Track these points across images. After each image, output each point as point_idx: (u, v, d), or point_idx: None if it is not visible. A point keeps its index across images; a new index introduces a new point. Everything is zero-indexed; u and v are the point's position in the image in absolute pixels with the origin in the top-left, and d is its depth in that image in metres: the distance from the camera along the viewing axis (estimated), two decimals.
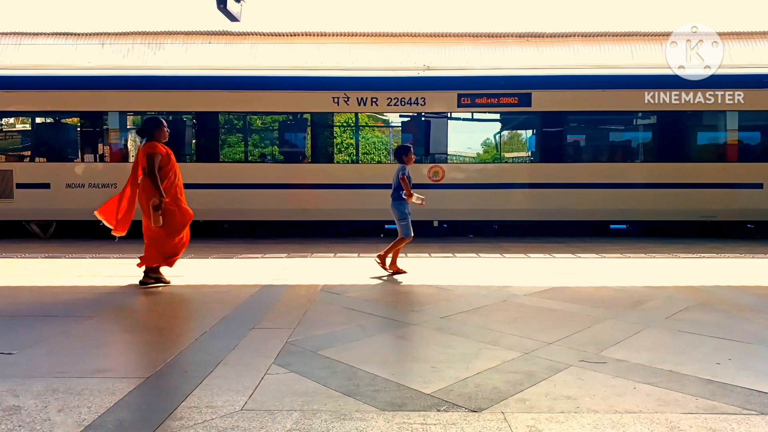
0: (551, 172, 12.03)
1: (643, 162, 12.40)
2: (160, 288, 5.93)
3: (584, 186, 11.91)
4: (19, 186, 11.87)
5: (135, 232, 6.32)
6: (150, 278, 6.05)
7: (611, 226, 13.45)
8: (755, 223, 12.57)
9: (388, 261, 6.85)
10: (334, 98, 11.90)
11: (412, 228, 6.86)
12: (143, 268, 6.09)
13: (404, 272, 6.76)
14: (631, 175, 12.11)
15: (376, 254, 6.91)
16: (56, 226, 12.39)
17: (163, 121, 6.11)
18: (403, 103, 11.95)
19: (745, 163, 12.01)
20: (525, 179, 12.22)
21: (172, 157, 6.08)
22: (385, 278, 6.53)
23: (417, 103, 11.95)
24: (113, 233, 6.19)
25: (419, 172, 11.96)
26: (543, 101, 11.93)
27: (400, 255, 7.03)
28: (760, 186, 11.81)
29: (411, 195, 6.75)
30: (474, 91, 11.94)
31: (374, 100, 11.93)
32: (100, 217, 6.16)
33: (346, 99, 11.88)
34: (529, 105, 11.95)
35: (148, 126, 6.04)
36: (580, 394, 2.92)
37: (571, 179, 11.95)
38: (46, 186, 11.90)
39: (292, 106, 12.30)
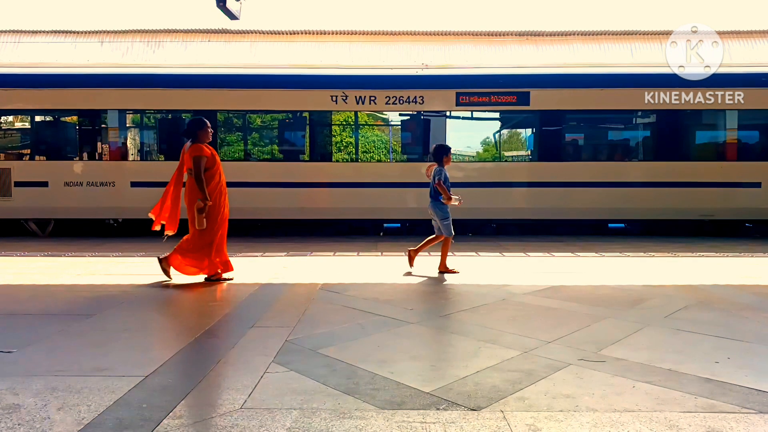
0: (550, 171, 12.02)
1: (642, 161, 12.40)
2: (161, 285, 5.93)
3: (583, 185, 11.90)
4: (17, 184, 11.85)
5: (139, 232, 6.32)
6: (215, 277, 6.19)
7: (609, 225, 13.45)
8: (753, 222, 12.58)
9: (444, 261, 6.89)
10: (332, 97, 11.88)
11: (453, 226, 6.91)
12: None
13: (456, 272, 6.74)
14: (629, 174, 12.10)
15: (438, 268, 6.85)
16: (54, 224, 12.38)
17: (207, 122, 6.15)
18: (401, 101, 11.94)
19: (743, 162, 12.01)
20: (523, 178, 12.21)
21: (217, 158, 6.15)
22: (384, 277, 6.53)
23: (415, 102, 11.94)
24: (166, 233, 6.29)
25: (417, 170, 11.96)
26: (541, 100, 11.92)
27: (393, 253, 7.04)
28: (758, 185, 11.81)
29: (450, 199, 6.78)
30: (472, 90, 11.92)
31: (373, 98, 11.92)
32: (152, 217, 6.30)
33: (344, 97, 11.87)
34: (528, 104, 11.94)
35: (193, 127, 6.09)
36: (579, 393, 2.92)
37: (569, 178, 11.94)
38: (44, 184, 11.88)
39: (290, 104, 12.29)
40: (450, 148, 7.05)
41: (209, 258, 6.08)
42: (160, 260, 6.15)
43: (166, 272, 6.14)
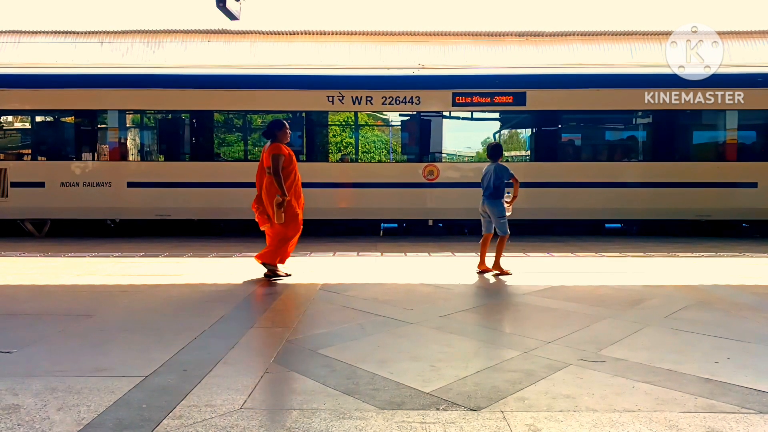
0: (547, 172, 12.01)
1: (640, 161, 12.40)
2: (161, 286, 5.93)
3: (580, 185, 11.90)
4: (14, 185, 11.84)
5: (136, 232, 6.31)
6: (272, 272, 6.40)
7: (606, 225, 13.45)
8: (750, 222, 12.58)
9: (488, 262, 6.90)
10: (329, 97, 11.87)
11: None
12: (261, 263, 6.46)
13: (509, 273, 6.66)
14: (627, 175, 12.10)
15: (492, 267, 6.82)
16: (51, 224, 12.37)
17: (287, 124, 6.47)
18: (398, 102, 11.93)
19: (740, 162, 12.01)
20: (520, 178, 12.14)
21: (294, 158, 6.44)
22: (384, 277, 6.53)
23: (412, 102, 11.93)
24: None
25: (414, 171, 11.96)
26: (538, 100, 11.92)
27: (393, 253, 7.04)
28: (754, 185, 11.81)
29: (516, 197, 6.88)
30: (469, 90, 11.91)
31: (369, 99, 11.91)
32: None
33: (341, 98, 11.87)
34: (524, 104, 11.93)
35: (273, 128, 6.41)
36: (579, 393, 2.92)
37: (566, 178, 11.93)
38: (41, 185, 11.88)
39: (287, 104, 12.29)
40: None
41: (278, 250, 6.36)
42: (267, 274, 6.42)
43: (276, 274, 6.41)
